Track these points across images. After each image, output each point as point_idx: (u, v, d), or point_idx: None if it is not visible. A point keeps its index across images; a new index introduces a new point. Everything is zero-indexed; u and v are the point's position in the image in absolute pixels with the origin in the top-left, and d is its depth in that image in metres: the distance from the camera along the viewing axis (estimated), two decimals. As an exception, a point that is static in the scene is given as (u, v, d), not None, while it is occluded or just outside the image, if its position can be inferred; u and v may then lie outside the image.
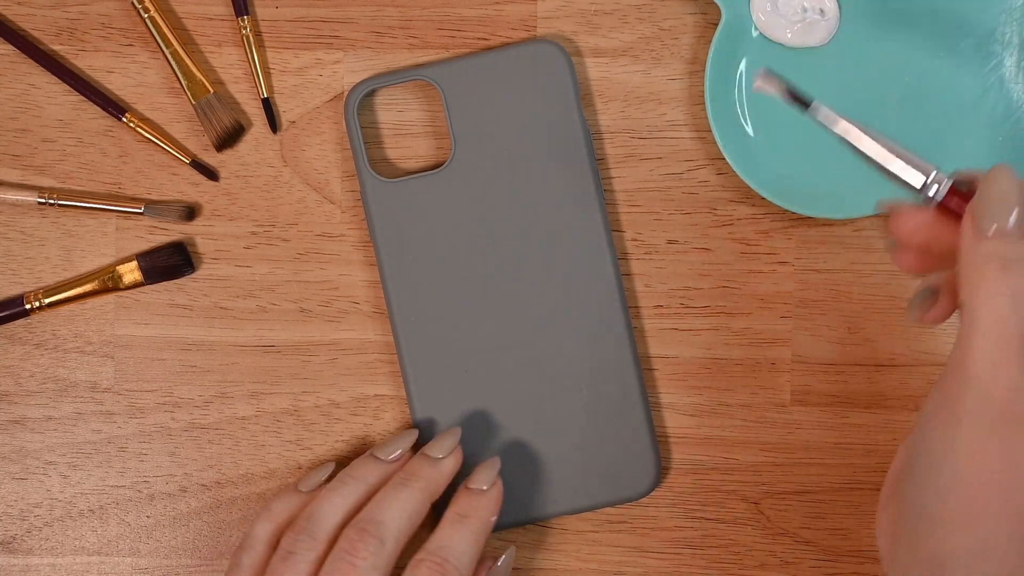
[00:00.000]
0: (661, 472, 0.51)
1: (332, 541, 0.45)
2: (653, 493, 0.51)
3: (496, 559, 0.49)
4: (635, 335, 0.51)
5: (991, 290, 0.34)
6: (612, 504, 0.51)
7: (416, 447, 0.49)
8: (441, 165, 0.51)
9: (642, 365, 0.51)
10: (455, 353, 0.50)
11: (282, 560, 0.45)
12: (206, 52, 0.52)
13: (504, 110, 0.50)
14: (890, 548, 0.36)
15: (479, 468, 0.49)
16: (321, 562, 0.45)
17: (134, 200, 0.52)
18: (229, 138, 0.51)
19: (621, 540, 0.52)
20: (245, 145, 0.52)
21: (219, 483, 0.52)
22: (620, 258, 0.51)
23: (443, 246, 0.50)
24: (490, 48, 0.51)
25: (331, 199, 0.52)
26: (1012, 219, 0.34)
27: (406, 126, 0.52)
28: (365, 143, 0.51)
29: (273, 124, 0.52)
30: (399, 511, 0.45)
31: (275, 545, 0.46)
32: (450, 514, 0.47)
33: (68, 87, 0.52)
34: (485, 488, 0.48)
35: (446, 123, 0.51)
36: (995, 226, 0.34)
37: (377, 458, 0.48)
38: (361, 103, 0.51)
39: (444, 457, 0.48)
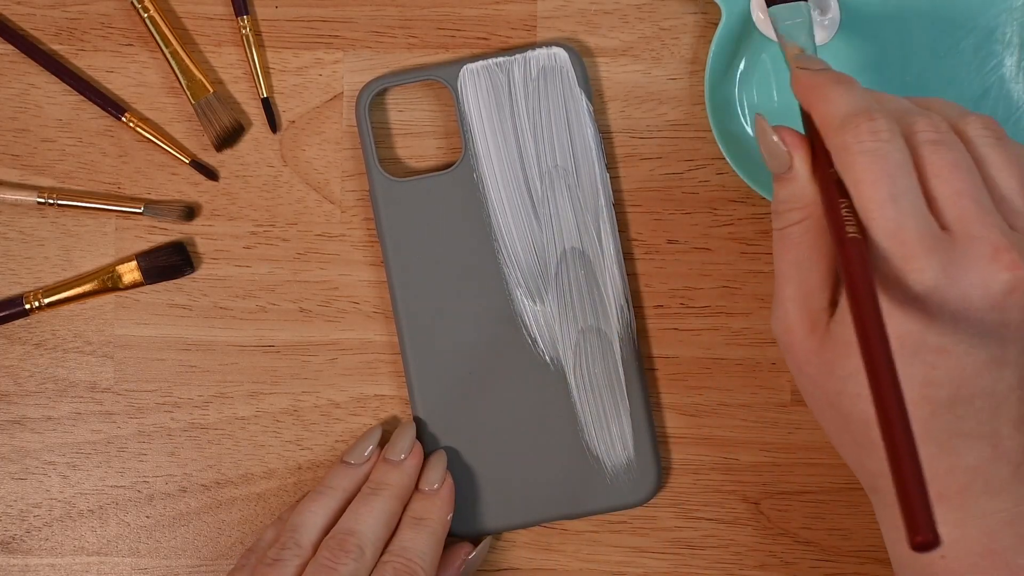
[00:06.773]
0: (661, 478, 0.51)
1: (316, 548, 0.47)
2: (653, 493, 0.51)
3: (470, 551, 0.50)
4: (636, 335, 0.51)
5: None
6: (612, 511, 0.51)
7: (382, 443, 0.50)
8: (450, 166, 0.51)
9: (643, 365, 0.51)
10: (459, 354, 0.50)
11: (268, 566, 0.46)
12: (206, 52, 0.52)
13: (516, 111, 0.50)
14: None
15: (427, 465, 0.50)
16: (304, 568, 0.46)
17: (133, 200, 0.52)
18: (229, 138, 0.51)
19: (621, 540, 0.52)
20: (245, 145, 0.52)
21: (219, 483, 0.52)
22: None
23: (451, 246, 0.50)
24: (502, 49, 0.51)
25: (331, 199, 0.52)
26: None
27: (412, 126, 0.52)
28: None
29: (273, 124, 0.52)
30: (374, 519, 0.47)
31: None
32: (407, 518, 0.48)
33: (67, 87, 0.51)
34: (436, 487, 0.49)
35: (456, 123, 0.50)
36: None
37: (348, 463, 0.50)
38: (370, 102, 0.51)
39: (405, 458, 0.49)
